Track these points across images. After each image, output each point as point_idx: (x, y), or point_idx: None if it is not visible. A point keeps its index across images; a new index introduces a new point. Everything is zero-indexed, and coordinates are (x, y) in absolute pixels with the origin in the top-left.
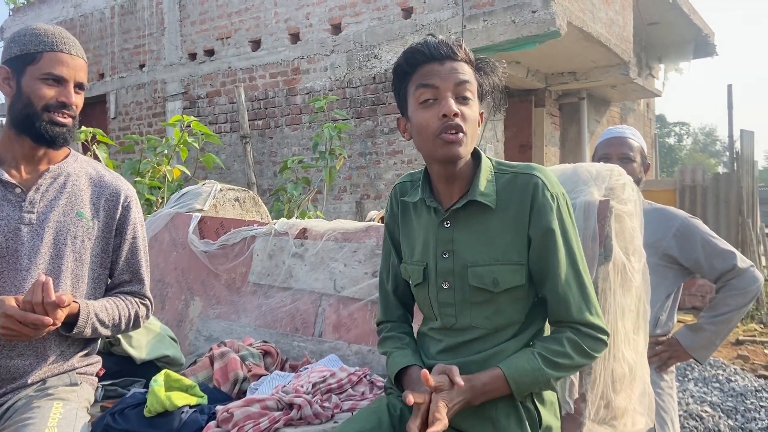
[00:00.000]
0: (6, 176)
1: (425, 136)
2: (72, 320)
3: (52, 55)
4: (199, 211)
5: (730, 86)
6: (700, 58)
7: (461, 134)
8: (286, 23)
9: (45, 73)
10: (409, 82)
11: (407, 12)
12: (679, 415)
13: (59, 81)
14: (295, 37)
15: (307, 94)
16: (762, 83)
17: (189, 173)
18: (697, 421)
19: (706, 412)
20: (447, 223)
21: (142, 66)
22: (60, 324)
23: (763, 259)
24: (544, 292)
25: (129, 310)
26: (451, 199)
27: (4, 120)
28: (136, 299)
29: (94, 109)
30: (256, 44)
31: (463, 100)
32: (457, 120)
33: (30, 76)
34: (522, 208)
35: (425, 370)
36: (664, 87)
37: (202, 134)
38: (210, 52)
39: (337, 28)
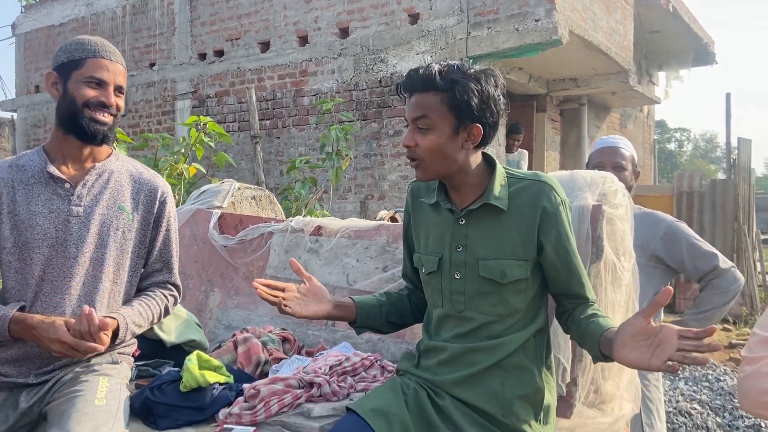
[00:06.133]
0: (57, 172)
1: None
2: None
3: (95, 61)
4: (219, 208)
5: (728, 95)
6: (699, 66)
7: (416, 161)
8: (294, 26)
9: (88, 77)
10: None
11: (414, 18)
12: (669, 412)
13: (100, 84)
14: (303, 40)
15: (314, 95)
16: (763, 91)
17: (204, 171)
18: (686, 417)
19: (695, 409)
20: (462, 221)
21: (152, 65)
22: (106, 345)
23: (758, 265)
24: (561, 286)
25: (159, 306)
26: (463, 200)
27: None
28: (165, 292)
29: None
30: (265, 46)
31: (420, 130)
32: (411, 150)
33: (75, 80)
34: (533, 212)
35: None
36: (666, 94)
37: (216, 134)
38: (219, 53)
39: (344, 32)
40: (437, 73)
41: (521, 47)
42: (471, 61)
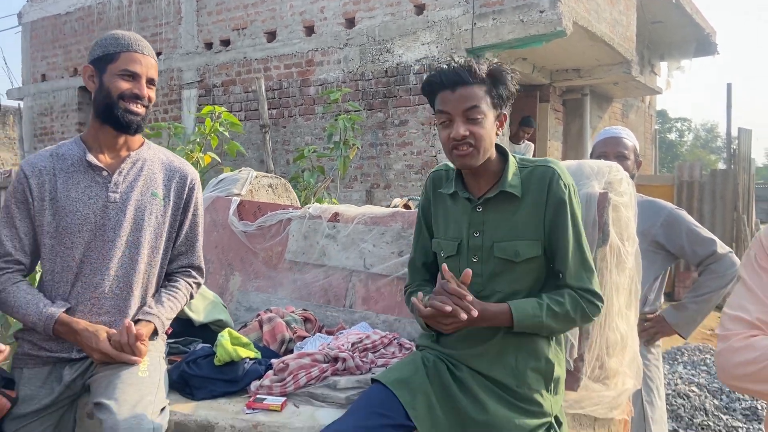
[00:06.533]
0: (95, 161)
1: (444, 149)
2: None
3: (128, 55)
4: (237, 195)
5: (729, 85)
6: (701, 56)
7: (471, 149)
8: (301, 16)
9: (122, 70)
10: (433, 102)
11: (419, 8)
12: (668, 394)
13: (133, 76)
14: (309, 30)
15: (321, 85)
16: (765, 81)
17: (219, 160)
18: (684, 399)
19: (693, 392)
20: (479, 209)
21: (158, 54)
22: (144, 355)
23: None
24: (555, 263)
25: (186, 296)
26: (480, 189)
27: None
28: (189, 280)
29: None
30: (271, 36)
31: (472, 120)
32: (466, 139)
33: (110, 73)
34: (540, 194)
35: (444, 266)
36: (668, 84)
37: (228, 123)
38: (226, 42)
39: (350, 22)
40: (478, 68)
41: (526, 38)
42: (471, 52)
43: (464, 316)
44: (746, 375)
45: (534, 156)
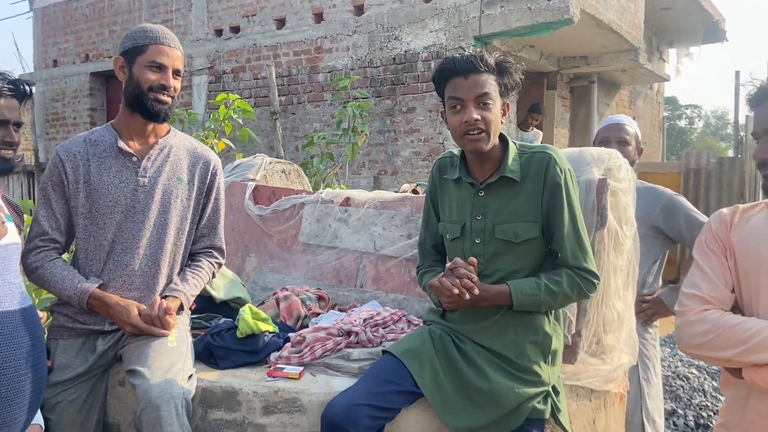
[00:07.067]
0: (126, 147)
1: (455, 134)
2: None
3: (156, 47)
4: (252, 180)
5: (737, 72)
6: (710, 43)
7: (483, 134)
8: (310, 3)
9: (150, 62)
10: (444, 89)
11: None
12: (668, 376)
13: (161, 68)
14: (318, 17)
15: (329, 72)
16: None
17: (233, 146)
18: (684, 381)
19: (693, 373)
20: (481, 193)
21: None
22: (172, 328)
23: None
24: (553, 243)
25: (208, 275)
26: (483, 174)
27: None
28: (211, 260)
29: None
30: (280, 22)
31: (483, 105)
32: (478, 124)
33: (139, 64)
34: (538, 178)
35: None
36: (677, 71)
37: (241, 110)
38: (236, 29)
39: (359, 10)
40: (489, 58)
41: (533, 26)
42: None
43: (468, 296)
44: (701, 344)
45: (542, 142)
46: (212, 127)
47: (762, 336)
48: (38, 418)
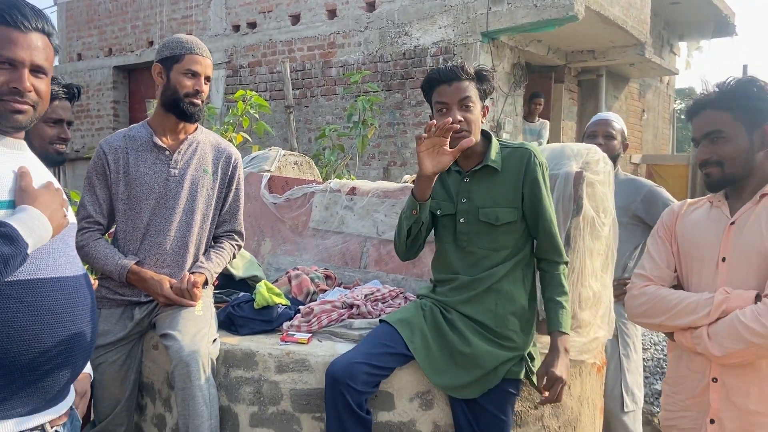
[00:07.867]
0: (160, 142)
1: None
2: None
3: (191, 57)
4: (267, 171)
5: (745, 66)
6: (720, 37)
7: (465, 132)
8: (323, 0)
9: (186, 69)
10: (431, 96)
11: None
12: (660, 359)
13: (195, 75)
14: (332, 13)
15: (342, 67)
16: None
17: (249, 139)
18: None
19: None
20: (467, 179)
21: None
22: (198, 299)
23: None
24: (537, 232)
25: (229, 255)
26: (469, 164)
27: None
28: (232, 242)
29: (143, 75)
30: (295, 19)
31: (466, 108)
32: (460, 124)
33: (176, 72)
34: (518, 171)
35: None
36: (688, 64)
37: (257, 105)
38: (252, 25)
39: (371, 6)
40: (469, 67)
41: (539, 22)
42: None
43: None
44: (640, 313)
45: (549, 133)
46: (230, 121)
47: (683, 305)
48: (88, 368)
